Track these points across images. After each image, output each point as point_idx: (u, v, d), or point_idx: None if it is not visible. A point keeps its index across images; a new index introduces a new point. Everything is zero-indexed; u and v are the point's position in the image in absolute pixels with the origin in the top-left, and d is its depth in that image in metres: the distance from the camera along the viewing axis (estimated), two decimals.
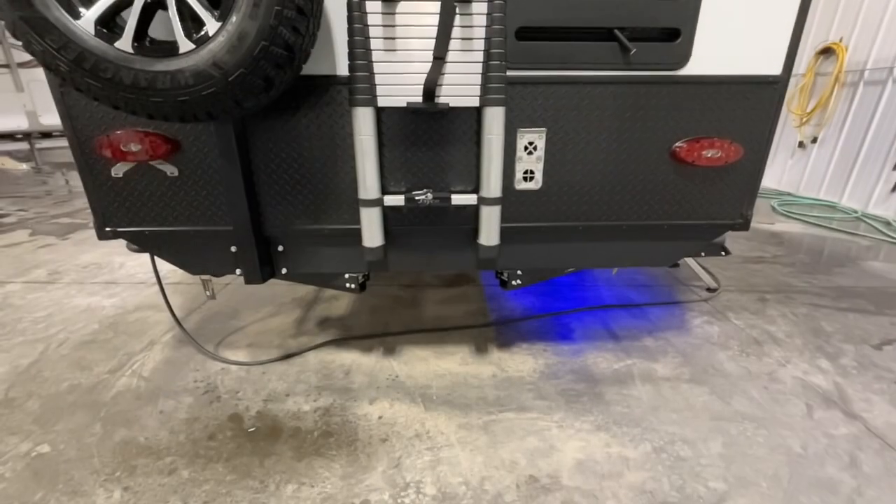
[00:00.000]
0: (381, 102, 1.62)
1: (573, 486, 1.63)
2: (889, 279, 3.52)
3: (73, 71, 1.24)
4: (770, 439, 1.86)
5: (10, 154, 9.84)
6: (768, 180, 6.82)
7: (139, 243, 1.95)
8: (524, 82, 1.70)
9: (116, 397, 2.11)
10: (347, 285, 2.12)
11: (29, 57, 1.32)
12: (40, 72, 1.29)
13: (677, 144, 1.82)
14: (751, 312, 2.94)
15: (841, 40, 5.69)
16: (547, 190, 1.87)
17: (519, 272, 2.14)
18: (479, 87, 1.62)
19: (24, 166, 9.58)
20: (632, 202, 1.92)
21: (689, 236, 2.06)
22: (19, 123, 9.78)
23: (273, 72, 1.35)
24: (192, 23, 1.29)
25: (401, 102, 1.62)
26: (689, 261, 3.39)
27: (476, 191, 1.81)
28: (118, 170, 1.75)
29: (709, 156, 1.82)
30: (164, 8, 1.26)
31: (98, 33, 1.23)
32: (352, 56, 1.55)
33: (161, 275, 2.34)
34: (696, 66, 1.71)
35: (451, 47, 1.56)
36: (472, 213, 1.87)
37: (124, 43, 1.25)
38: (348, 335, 2.64)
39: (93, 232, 1.90)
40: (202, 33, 1.28)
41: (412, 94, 1.61)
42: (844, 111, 5.71)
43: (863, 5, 5.44)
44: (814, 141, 6.11)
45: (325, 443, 1.84)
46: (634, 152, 1.83)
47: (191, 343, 2.49)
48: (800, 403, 2.08)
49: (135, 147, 1.68)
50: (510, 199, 1.86)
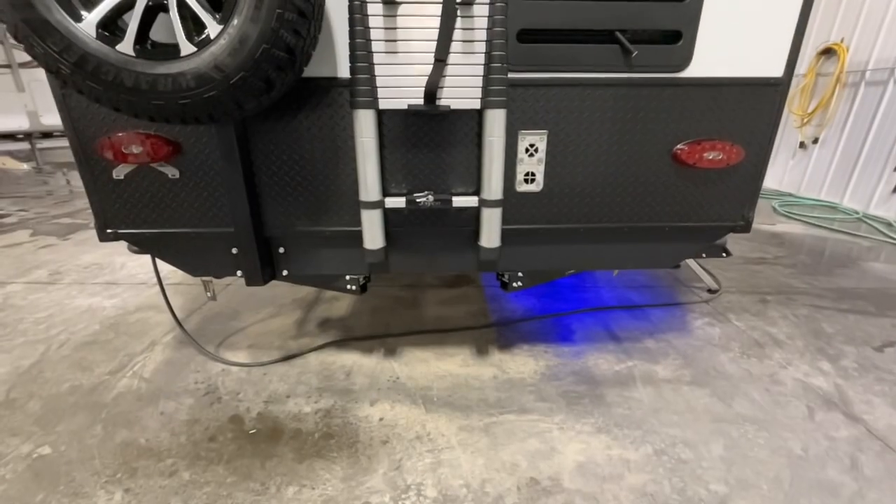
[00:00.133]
0: (383, 104, 1.62)
1: (574, 489, 1.63)
2: (890, 280, 3.52)
3: (74, 74, 1.24)
4: (771, 441, 1.86)
5: (11, 154, 9.86)
6: (769, 181, 6.81)
7: (140, 245, 1.95)
8: (525, 84, 1.70)
9: (117, 398, 2.11)
10: (348, 287, 2.12)
11: (30, 57, 1.33)
12: (41, 72, 1.29)
13: (678, 146, 1.82)
14: (752, 314, 2.94)
15: (842, 41, 5.68)
16: (548, 192, 1.87)
17: (520, 274, 2.14)
18: (480, 89, 1.62)
19: (26, 166, 9.59)
20: (633, 204, 1.92)
21: (690, 238, 2.06)
22: (20, 123, 9.79)
23: (274, 74, 1.35)
24: (193, 25, 1.29)
25: (402, 104, 1.63)
26: (690, 262, 3.39)
27: (477, 193, 1.81)
28: (119, 172, 1.76)
29: (710, 158, 1.82)
30: (166, 11, 1.26)
31: (99, 36, 1.23)
32: (353, 58, 1.55)
33: (162, 275, 2.34)
34: (698, 68, 1.71)
35: (452, 49, 1.56)
36: (473, 215, 1.87)
37: (126, 46, 1.25)
38: (349, 336, 2.64)
39: (93, 232, 1.90)
40: (203, 36, 1.28)
41: (413, 97, 1.62)
42: (846, 112, 5.70)
43: (864, 6, 5.43)
44: (815, 141, 6.11)
45: (325, 444, 1.84)
46: (636, 154, 1.83)
47: (192, 344, 2.49)
48: (801, 405, 2.08)
49: (136, 149, 1.68)
50: (511, 201, 1.86)
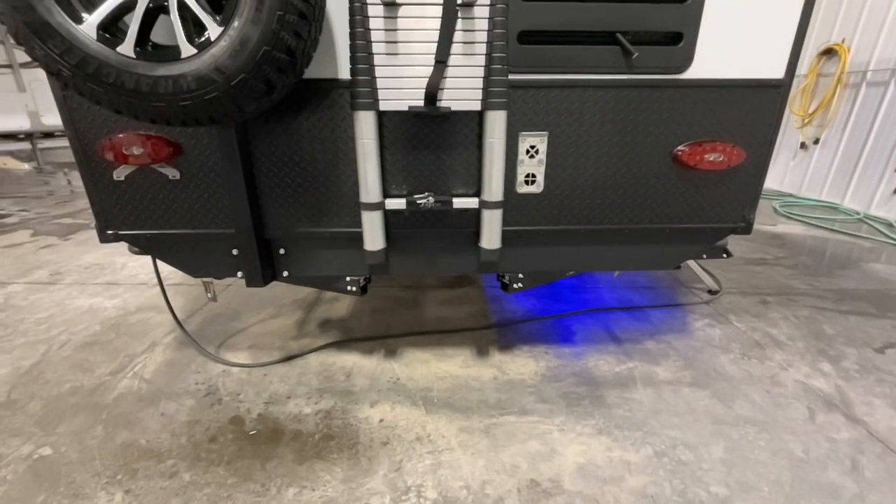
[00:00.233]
0: (383, 106, 1.62)
1: (574, 491, 1.63)
2: (891, 281, 3.52)
3: (75, 76, 1.24)
4: (772, 443, 1.86)
5: (12, 154, 9.87)
6: (770, 181, 6.80)
7: (141, 246, 1.95)
8: (526, 86, 1.70)
9: (118, 399, 2.11)
10: (349, 288, 2.12)
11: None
12: (42, 72, 1.29)
13: (679, 148, 1.81)
14: (752, 315, 2.94)
15: (843, 41, 5.67)
16: (549, 193, 1.87)
17: (520, 275, 2.14)
18: (480, 90, 1.62)
19: (27, 166, 9.60)
20: (634, 206, 1.92)
21: (690, 240, 2.05)
22: (21, 123, 9.80)
23: (275, 76, 1.35)
24: (194, 27, 1.29)
25: (402, 106, 1.63)
26: (691, 262, 3.39)
27: (478, 194, 1.81)
28: (120, 173, 1.76)
29: (711, 159, 1.82)
30: (167, 12, 1.26)
31: (100, 38, 1.23)
32: (353, 60, 1.55)
33: (162, 276, 2.34)
34: (699, 69, 1.71)
35: (452, 51, 1.56)
36: (474, 217, 1.87)
37: (126, 48, 1.25)
38: (349, 337, 2.64)
39: (94, 232, 1.90)
40: (204, 38, 1.28)
41: (414, 98, 1.62)
42: (847, 112, 5.70)
43: (865, 6, 5.42)
44: (816, 142, 6.10)
45: (326, 446, 1.84)
46: (636, 156, 1.83)
47: (192, 345, 2.49)
48: (801, 407, 2.08)
49: (137, 150, 1.69)
50: (512, 203, 1.86)
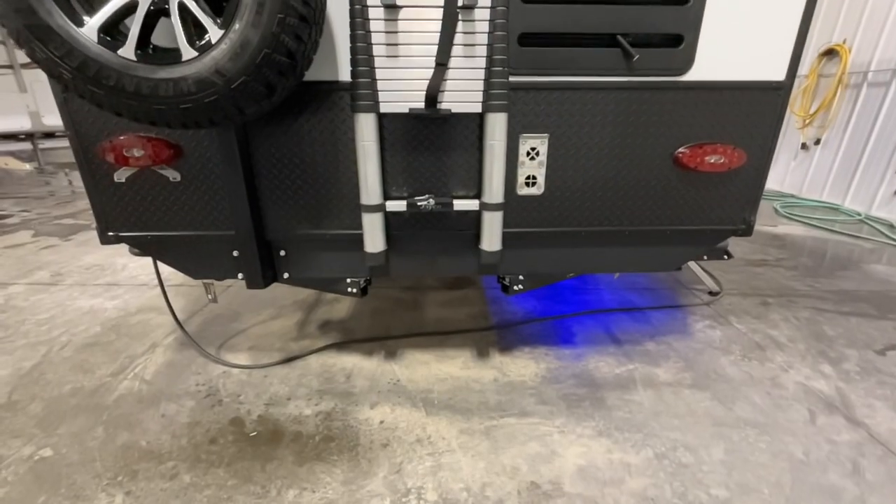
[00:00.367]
0: (384, 108, 1.63)
1: (575, 493, 1.63)
2: (892, 283, 3.51)
3: (76, 78, 1.24)
4: (772, 445, 1.86)
5: (13, 154, 9.88)
6: (771, 182, 6.78)
7: (142, 248, 1.95)
8: (527, 88, 1.70)
9: (118, 400, 2.11)
10: (349, 290, 2.12)
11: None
12: (43, 73, 1.29)
13: (680, 150, 1.81)
14: (753, 316, 2.93)
15: (844, 42, 5.67)
16: (549, 195, 1.87)
17: (521, 277, 2.14)
18: (481, 93, 1.62)
19: (28, 167, 9.62)
20: (634, 208, 1.92)
21: (691, 241, 2.05)
22: (22, 124, 9.82)
23: (275, 79, 1.35)
24: (194, 30, 1.29)
25: (403, 108, 1.63)
26: (691, 264, 3.38)
27: (478, 196, 1.81)
28: (121, 175, 1.76)
29: (712, 161, 1.82)
30: (167, 15, 1.26)
31: (101, 41, 1.24)
32: (354, 62, 1.55)
33: (163, 277, 2.34)
34: (700, 71, 1.70)
35: (453, 53, 1.56)
36: (475, 219, 1.87)
37: (127, 50, 1.25)
38: (350, 338, 2.64)
39: (95, 233, 1.90)
40: (205, 41, 1.28)
41: (414, 100, 1.62)
42: (848, 113, 5.69)
43: (866, 7, 5.42)
44: (817, 143, 6.10)
45: (326, 447, 1.84)
46: (637, 158, 1.83)
47: (193, 346, 2.49)
48: (802, 409, 2.07)
49: (137, 152, 1.69)
50: (512, 205, 1.86)
